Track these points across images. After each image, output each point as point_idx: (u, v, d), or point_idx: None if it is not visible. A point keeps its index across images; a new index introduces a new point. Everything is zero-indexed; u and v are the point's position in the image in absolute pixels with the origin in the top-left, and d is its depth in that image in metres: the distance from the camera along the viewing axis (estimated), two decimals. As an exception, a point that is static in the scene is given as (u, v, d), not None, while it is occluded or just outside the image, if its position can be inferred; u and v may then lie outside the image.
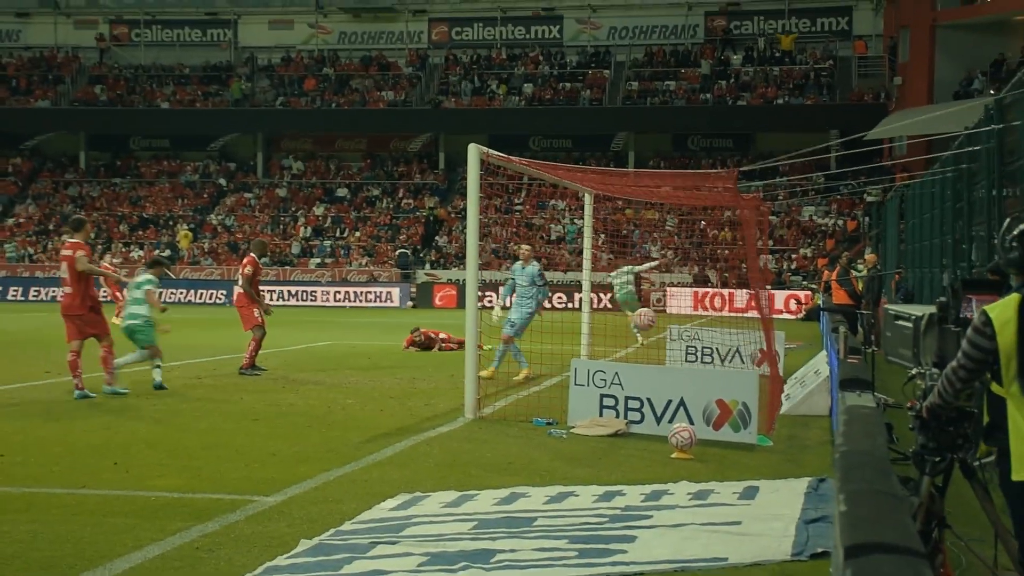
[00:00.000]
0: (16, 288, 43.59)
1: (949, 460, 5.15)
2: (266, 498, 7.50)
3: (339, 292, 42.25)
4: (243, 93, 51.47)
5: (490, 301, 37.04)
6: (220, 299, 42.04)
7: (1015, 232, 4.80)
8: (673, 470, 8.76)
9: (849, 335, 9.05)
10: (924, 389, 5.26)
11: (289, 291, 42.12)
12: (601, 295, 31.38)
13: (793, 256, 42.07)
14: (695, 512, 7.14)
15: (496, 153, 12.65)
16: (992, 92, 31.78)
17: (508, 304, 16.05)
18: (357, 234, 47.45)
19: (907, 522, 2.47)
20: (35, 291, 43.23)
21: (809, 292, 35.10)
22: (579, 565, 5.92)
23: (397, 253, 45.20)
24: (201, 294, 42.93)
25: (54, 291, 42.15)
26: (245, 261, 16.50)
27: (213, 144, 50.78)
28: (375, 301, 41.62)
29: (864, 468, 2.90)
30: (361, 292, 41.96)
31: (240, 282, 16.38)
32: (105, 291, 24.73)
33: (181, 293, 42.99)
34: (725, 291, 37.49)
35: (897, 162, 40.72)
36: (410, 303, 41.59)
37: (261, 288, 16.87)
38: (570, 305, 38.19)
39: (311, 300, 42.00)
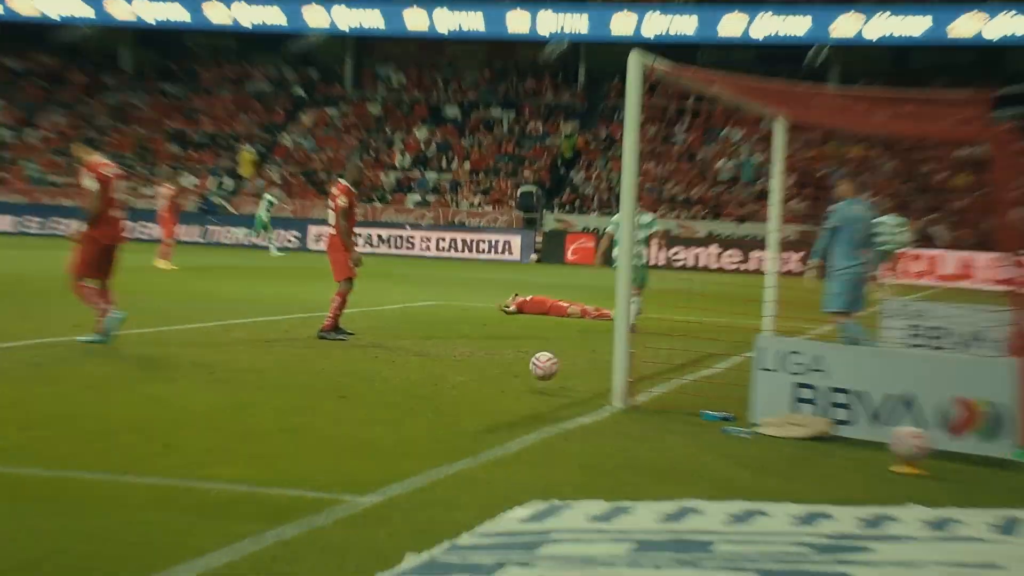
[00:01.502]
0: (31, 218, 44.97)
1: None
2: (360, 498, 7.56)
3: (443, 239, 42.66)
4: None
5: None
6: (291, 242, 42.78)
7: None
8: (898, 489, 8.57)
9: None
10: None
11: (380, 235, 42.71)
12: (792, 252, 30.95)
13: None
14: (933, 547, 6.96)
15: (667, 63, 12.40)
16: None
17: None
18: (468, 166, 47.68)
19: None
20: (53, 223, 44.20)
21: None
22: (777, 609, 5.80)
23: (520, 192, 45.33)
24: (268, 235, 43.77)
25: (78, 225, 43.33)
26: (336, 191, 16.00)
27: (291, 45, 51.44)
28: (489, 252, 41.94)
29: None
30: (472, 240, 42.26)
31: (332, 219, 16.04)
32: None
33: (241, 233, 43.85)
34: (925, 254, 36.51)
35: None
36: (534, 256, 41.73)
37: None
38: (744, 266, 37.90)
39: (407, 248, 42.53)
